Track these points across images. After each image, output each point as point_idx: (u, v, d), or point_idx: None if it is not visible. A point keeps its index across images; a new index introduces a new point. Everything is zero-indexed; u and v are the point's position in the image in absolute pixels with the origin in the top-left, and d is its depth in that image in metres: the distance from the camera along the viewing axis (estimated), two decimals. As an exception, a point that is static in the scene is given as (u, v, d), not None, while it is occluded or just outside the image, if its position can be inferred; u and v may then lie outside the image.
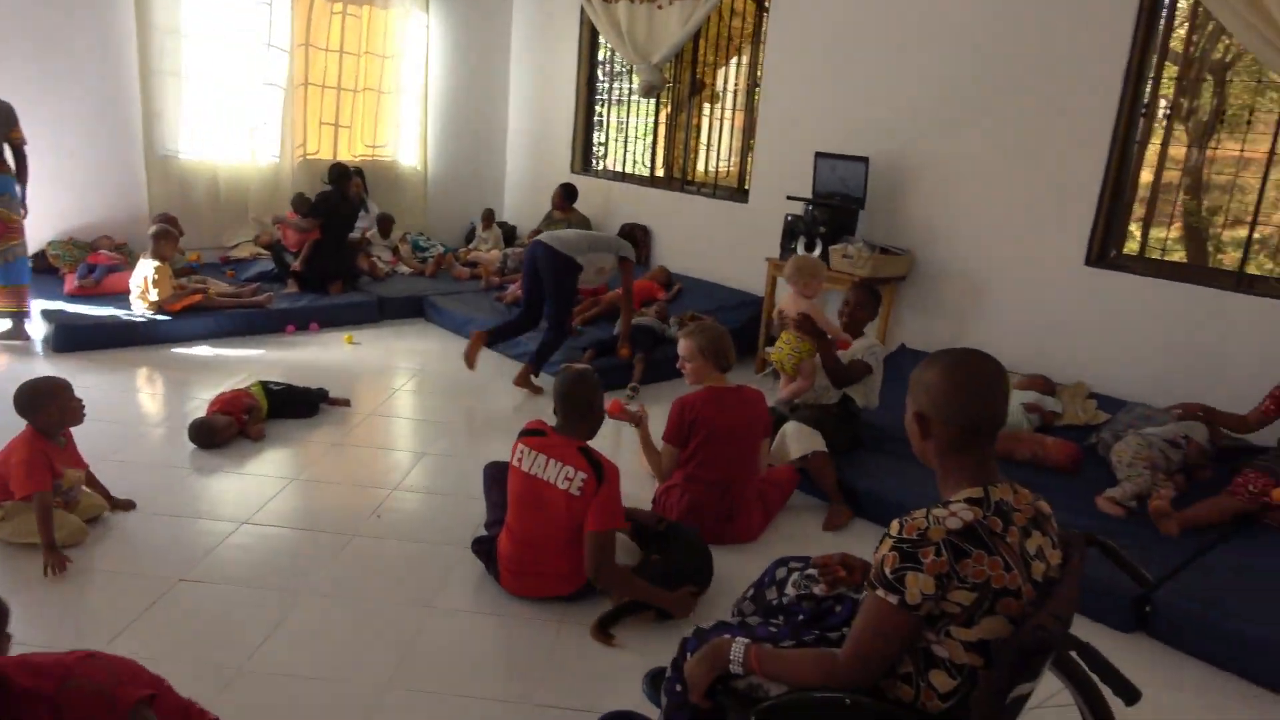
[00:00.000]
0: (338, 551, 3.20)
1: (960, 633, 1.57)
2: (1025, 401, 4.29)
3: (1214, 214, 7.17)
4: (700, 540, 3.10)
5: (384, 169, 7.93)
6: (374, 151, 7.88)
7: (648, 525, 3.17)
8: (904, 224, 5.39)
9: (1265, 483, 3.51)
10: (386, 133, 7.91)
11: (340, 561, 3.14)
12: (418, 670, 2.58)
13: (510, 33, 8.33)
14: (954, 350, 1.71)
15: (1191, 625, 2.94)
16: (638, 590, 2.83)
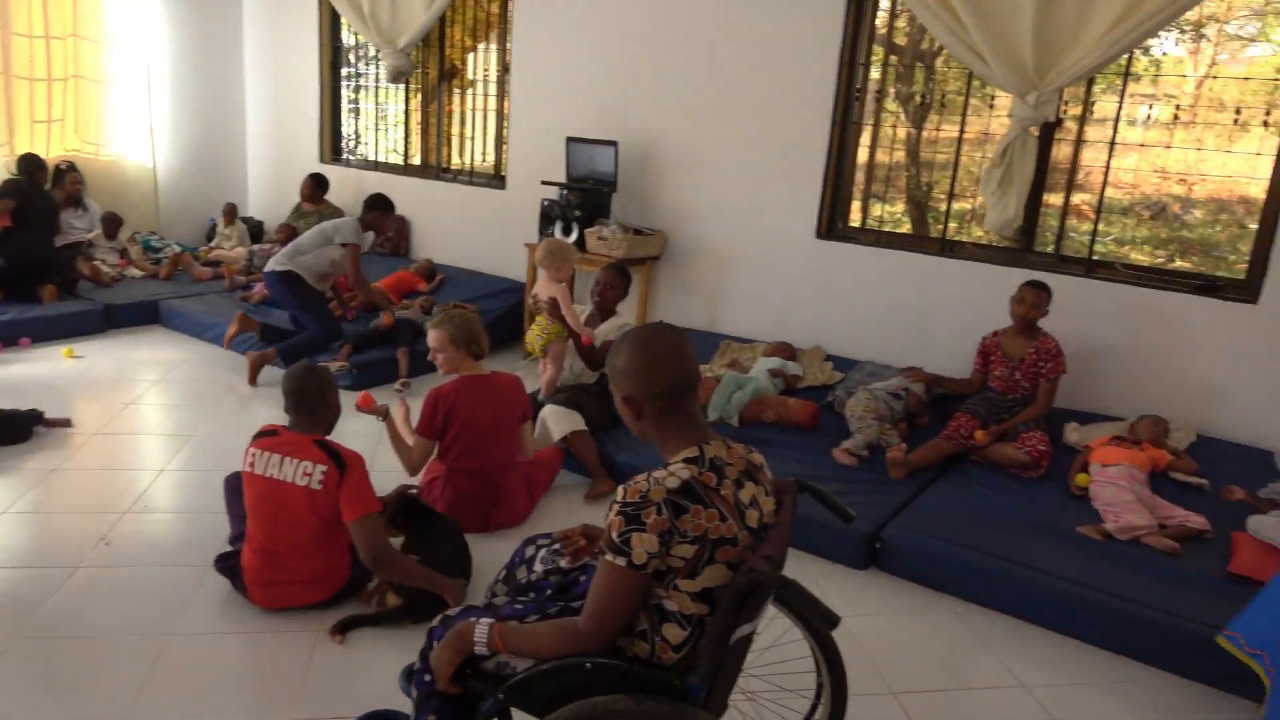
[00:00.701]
0: (59, 587, 2.89)
1: (686, 584, 1.66)
2: (770, 367, 4.58)
3: (931, 189, 8.00)
4: (459, 535, 3.07)
5: (105, 166, 7.16)
6: (92, 147, 7.09)
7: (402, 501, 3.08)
8: (655, 205, 5.58)
9: (972, 425, 3.98)
10: (105, 126, 7.15)
11: (63, 597, 2.84)
12: (158, 702, 2.39)
13: (242, 14, 7.78)
14: (633, 331, 1.81)
15: (915, 556, 3.29)
16: (417, 576, 2.77)
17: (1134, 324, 4.16)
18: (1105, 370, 4.23)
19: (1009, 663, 2.84)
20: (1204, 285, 4.03)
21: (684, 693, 1.66)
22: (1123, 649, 2.90)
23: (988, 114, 4.74)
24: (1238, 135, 4.26)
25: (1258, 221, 3.94)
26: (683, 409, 1.76)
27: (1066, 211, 4.55)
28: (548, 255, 4.13)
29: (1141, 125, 4.62)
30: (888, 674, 2.73)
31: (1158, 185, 5.53)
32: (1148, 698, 2.72)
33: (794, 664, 2.26)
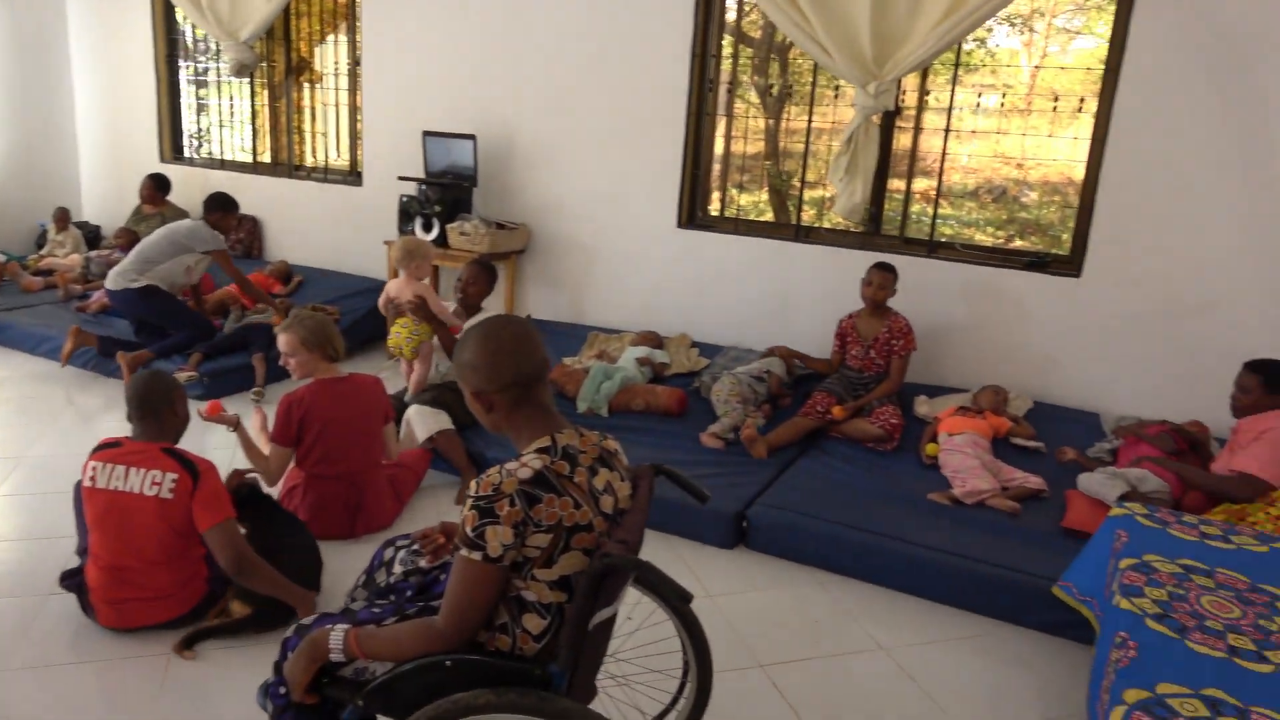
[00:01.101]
0: None
1: (543, 573, 1.66)
2: (638, 356, 4.63)
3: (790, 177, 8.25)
4: (313, 544, 2.96)
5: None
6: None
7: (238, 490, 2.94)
8: (518, 199, 5.54)
9: (829, 402, 4.13)
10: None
11: (-126, 640, 2.60)
12: (-12, 744, 2.22)
13: (65, 6, 7.25)
14: (479, 324, 1.80)
15: (780, 533, 3.39)
16: (278, 585, 2.66)
17: (974, 300, 4.41)
18: (950, 345, 4.48)
19: (869, 628, 2.98)
20: (1033, 262, 4.32)
21: (546, 681, 1.67)
22: (973, 606, 3.08)
23: (836, 104, 4.92)
24: (1067, 122, 4.57)
25: (1079, 201, 4.24)
26: (533, 399, 1.76)
27: (909, 196, 4.78)
28: (404, 255, 4.04)
29: (980, 114, 4.91)
30: (755, 648, 2.81)
31: (996, 170, 5.88)
32: (996, 649, 2.90)
33: (663, 644, 2.30)
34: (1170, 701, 1.80)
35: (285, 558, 2.77)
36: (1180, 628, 2.06)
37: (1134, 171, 4.00)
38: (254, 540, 2.75)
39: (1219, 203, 3.87)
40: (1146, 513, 2.67)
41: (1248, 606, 2.16)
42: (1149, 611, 2.12)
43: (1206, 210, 3.90)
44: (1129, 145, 3.99)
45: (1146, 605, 2.15)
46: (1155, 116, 3.91)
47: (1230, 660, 1.94)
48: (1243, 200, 3.82)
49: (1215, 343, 3.88)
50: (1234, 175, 3.82)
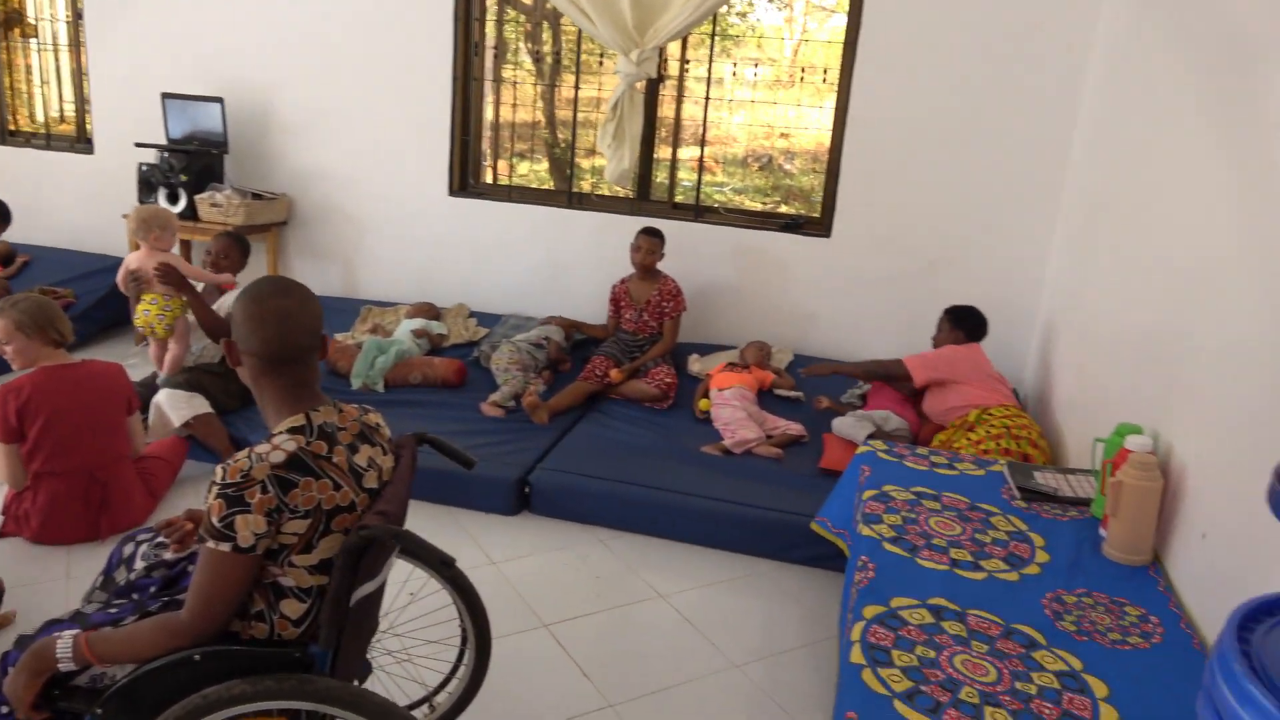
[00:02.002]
0: None
1: (302, 559, 1.59)
2: (414, 329, 4.51)
3: (567, 145, 8.27)
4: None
5: None
6: None
7: None
8: (277, 167, 5.21)
9: (607, 365, 4.22)
10: None
11: None
12: None
13: None
14: (260, 281, 1.69)
15: (562, 495, 3.43)
16: None
17: (739, 262, 4.64)
18: (719, 305, 4.69)
19: (649, 578, 3.09)
20: (789, 224, 4.60)
21: (308, 663, 1.61)
22: (744, 548, 3.27)
23: (603, 71, 4.97)
24: (824, 94, 4.85)
25: (826, 166, 4.54)
26: (289, 376, 1.66)
27: (675, 163, 4.93)
28: (141, 225, 3.70)
29: (747, 85, 5.12)
30: (539, 609, 2.85)
31: (764, 140, 6.16)
32: (766, 586, 3.10)
33: (441, 614, 2.28)
34: (902, 613, 2.01)
35: None
36: (912, 547, 2.29)
37: (871, 139, 4.33)
38: None
39: (945, 167, 4.27)
40: (886, 448, 2.93)
41: (967, 524, 2.43)
42: (886, 536, 2.34)
43: (934, 174, 4.29)
44: (866, 114, 4.31)
45: (884, 530, 2.37)
46: (888, 86, 4.25)
47: (952, 571, 2.19)
48: (962, 163, 4.24)
49: (948, 295, 4.29)
50: (954, 141, 4.23)
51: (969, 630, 1.95)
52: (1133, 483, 2.22)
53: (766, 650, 2.74)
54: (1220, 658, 0.98)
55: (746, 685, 2.57)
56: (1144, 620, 2.02)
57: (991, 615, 2.01)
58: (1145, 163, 3.09)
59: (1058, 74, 4.03)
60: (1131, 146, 3.26)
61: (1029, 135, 4.13)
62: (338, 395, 3.05)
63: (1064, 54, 4.00)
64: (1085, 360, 3.43)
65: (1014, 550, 2.31)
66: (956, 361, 3.65)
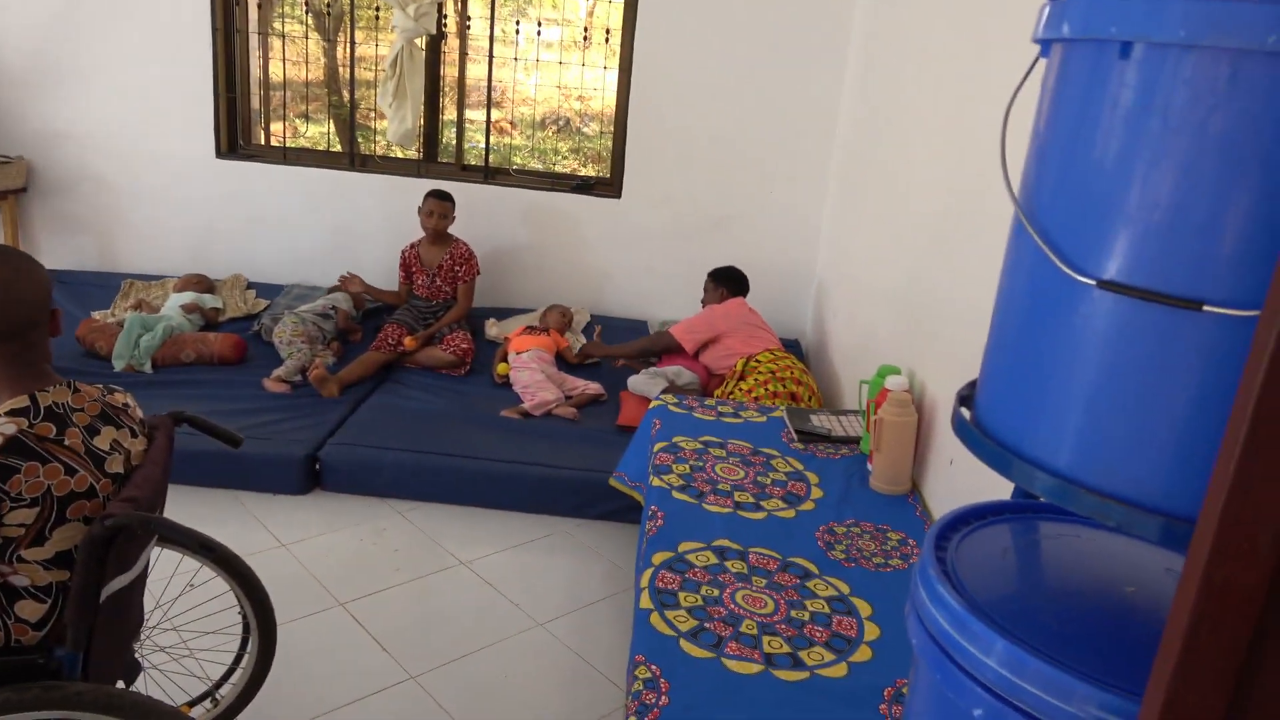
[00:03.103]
0: None
1: (34, 553, 1.45)
2: (184, 303, 4.18)
3: (353, 106, 7.86)
4: None
5: None
6: None
7: None
8: (9, 128, 4.63)
9: (400, 333, 4.09)
10: None
11: None
12: None
13: None
14: None
15: (356, 470, 3.31)
16: None
17: (532, 224, 4.61)
18: (515, 267, 4.65)
19: (450, 547, 3.05)
20: (579, 185, 4.61)
21: (53, 669, 1.48)
22: (547, 509, 3.30)
23: (384, 28, 4.75)
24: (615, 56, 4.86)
25: (614, 128, 4.58)
26: (21, 343, 1.50)
27: (462, 123, 4.81)
28: None
29: (544, 47, 5.04)
30: (334, 588, 2.75)
31: (560, 101, 6.11)
32: (567, 544, 3.14)
33: (219, 602, 2.15)
34: (689, 557, 2.09)
35: None
36: (699, 494, 2.39)
37: (654, 100, 4.40)
38: None
39: (726, 128, 4.41)
40: (676, 401, 3.03)
41: (750, 468, 2.56)
42: (675, 485, 2.43)
43: (716, 135, 4.43)
44: (649, 75, 4.37)
45: (673, 480, 2.46)
46: (668, 47, 4.32)
47: (735, 514, 2.30)
48: (741, 124, 4.40)
49: (734, 252, 4.46)
50: (733, 102, 4.37)
51: (749, 567, 2.07)
52: (891, 419, 2.41)
53: (569, 606, 2.78)
54: (921, 568, 1.09)
55: (550, 642, 2.60)
56: (903, 544, 2.21)
57: (770, 551, 2.14)
58: (898, 125, 3.33)
59: (826, 33, 4.24)
60: (887, 110, 3.50)
61: (802, 96, 4.34)
62: (99, 379, 2.80)
63: (832, 14, 4.21)
64: (854, 310, 3.69)
65: (791, 489, 2.46)
66: (715, 319, 3.86)
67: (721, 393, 3.61)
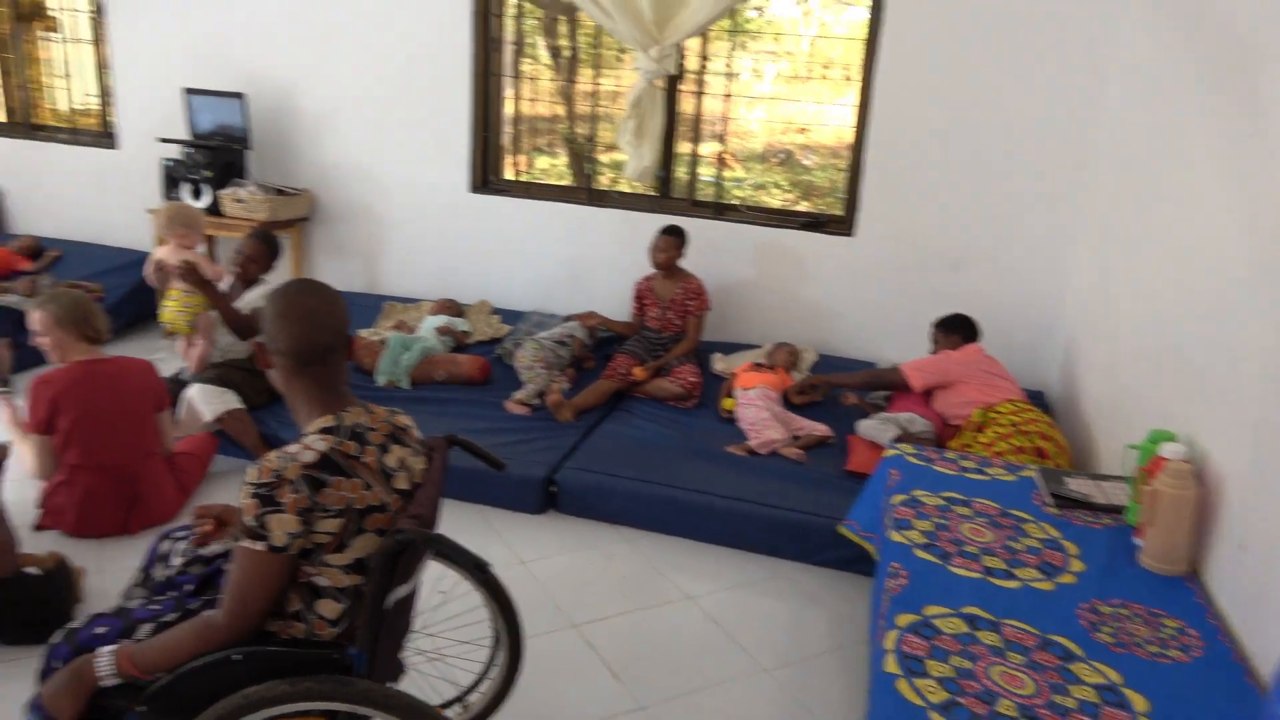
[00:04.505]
0: None
1: (335, 559, 1.60)
2: (437, 325, 4.52)
3: (587, 141, 8.24)
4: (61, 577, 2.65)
5: None
6: None
7: None
8: (299, 163, 5.22)
9: (630, 363, 4.22)
10: None
11: None
12: None
13: None
14: (288, 282, 1.70)
15: (587, 494, 3.43)
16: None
17: (761, 260, 4.62)
18: (742, 303, 4.68)
19: (675, 579, 3.09)
20: (810, 222, 4.58)
21: (346, 665, 1.62)
22: (770, 550, 3.26)
23: (623, 67, 4.96)
24: (843, 89, 4.83)
25: (849, 164, 4.51)
26: (319, 377, 1.67)
27: (696, 159, 4.91)
28: (168, 222, 3.72)
29: (764, 81, 5.10)
30: (568, 609, 2.86)
31: (781, 136, 6.13)
32: (791, 589, 3.09)
33: (473, 615, 2.28)
34: (935, 622, 2.00)
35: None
36: (943, 554, 2.28)
37: (894, 136, 4.29)
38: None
39: (969, 166, 4.23)
40: (915, 452, 2.92)
41: (999, 530, 2.42)
42: (917, 542, 2.33)
43: (958, 173, 4.25)
44: (889, 111, 4.27)
45: (915, 536, 2.36)
46: (910, 83, 4.21)
47: (985, 580, 2.18)
48: (986, 161, 4.21)
49: (972, 294, 4.26)
50: (978, 139, 4.19)
51: (1004, 640, 1.94)
52: (1170, 491, 2.20)
53: (795, 655, 2.73)
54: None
55: (776, 690, 2.57)
56: (1183, 633, 2.00)
57: (1027, 625, 2.00)
58: (1167, 166, 3.05)
59: (1082, 70, 3.98)
60: (1154, 147, 3.22)
61: (1054, 134, 4.09)
62: (362, 392, 3.07)
63: (1087, 49, 3.95)
64: (1114, 364, 3.40)
65: (1047, 558, 2.29)
66: (950, 364, 3.72)
67: (958, 444, 3.44)
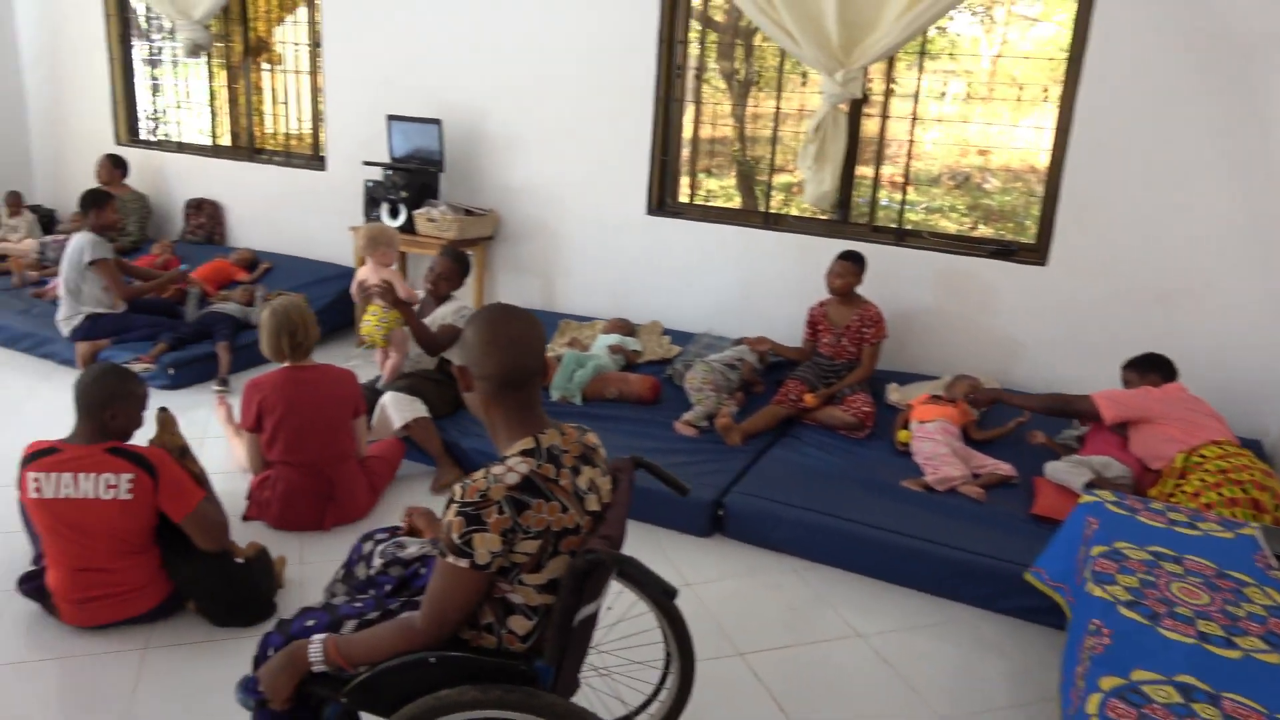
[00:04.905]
0: None
1: (531, 578, 1.65)
2: (610, 344, 4.62)
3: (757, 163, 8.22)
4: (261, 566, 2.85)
5: None
6: None
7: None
8: (485, 184, 5.48)
9: (800, 390, 4.15)
10: None
11: None
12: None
13: (11, -19, 7.01)
14: (488, 307, 1.78)
15: (755, 520, 3.40)
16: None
17: (942, 288, 4.45)
18: (919, 332, 4.52)
19: (845, 615, 3.00)
20: (1000, 250, 4.37)
21: (532, 677, 1.66)
22: (946, 592, 3.12)
23: (803, 90, 4.92)
24: (1029, 109, 4.61)
25: (1044, 189, 4.28)
26: (519, 400, 1.73)
27: (878, 183, 4.79)
28: (369, 242, 3.98)
29: (944, 101, 4.93)
30: (734, 636, 2.83)
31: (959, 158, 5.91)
32: (968, 634, 2.94)
33: (644, 636, 2.30)
34: (1145, 689, 1.84)
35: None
36: (1152, 614, 2.10)
37: (1098, 159, 4.04)
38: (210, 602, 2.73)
39: (1187, 190, 3.92)
40: (1116, 500, 2.71)
41: (1215, 593, 2.21)
42: (1121, 599, 2.16)
43: (1174, 198, 3.95)
44: (1093, 133, 4.03)
45: (1119, 592, 2.19)
46: (1120, 104, 3.95)
47: (1201, 646, 1.99)
48: (1211, 187, 3.89)
49: (1178, 331, 3.95)
50: (1203, 163, 3.88)
51: (1225, 716, 1.77)
52: None
53: (974, 706, 2.59)
54: None
55: (952, 741, 2.44)
56: None
57: (1252, 702, 1.81)
58: None
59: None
60: None
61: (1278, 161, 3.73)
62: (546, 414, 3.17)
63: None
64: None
65: (1273, 628, 2.07)
66: (1150, 400, 3.43)
67: (1159, 492, 3.18)
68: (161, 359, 4.64)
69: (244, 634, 2.66)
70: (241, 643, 2.61)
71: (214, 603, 2.69)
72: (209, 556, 2.66)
